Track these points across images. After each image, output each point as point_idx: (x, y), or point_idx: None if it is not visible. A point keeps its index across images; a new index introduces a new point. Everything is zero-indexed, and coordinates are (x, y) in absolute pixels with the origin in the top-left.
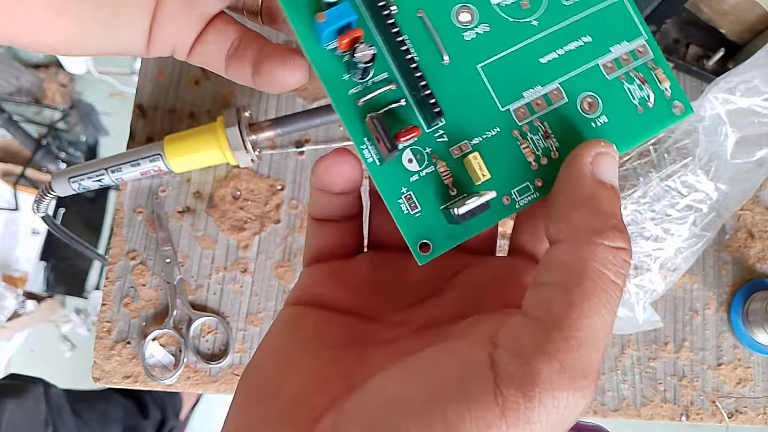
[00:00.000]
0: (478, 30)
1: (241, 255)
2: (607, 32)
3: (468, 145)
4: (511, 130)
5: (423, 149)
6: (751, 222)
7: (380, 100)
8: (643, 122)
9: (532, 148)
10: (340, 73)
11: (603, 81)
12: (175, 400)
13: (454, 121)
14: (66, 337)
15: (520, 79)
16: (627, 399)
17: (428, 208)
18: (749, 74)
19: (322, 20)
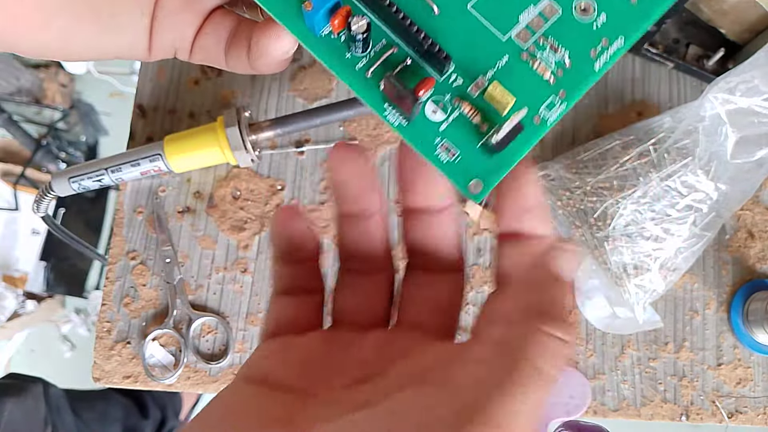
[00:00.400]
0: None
1: (241, 255)
2: None
3: (484, 80)
4: (519, 54)
5: (443, 97)
6: (751, 222)
7: (387, 66)
8: (641, 9)
9: (545, 65)
10: (343, 53)
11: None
12: (175, 400)
13: (463, 63)
14: (66, 337)
15: (512, 5)
16: (627, 399)
17: (466, 149)
18: (749, 74)
19: (309, 8)
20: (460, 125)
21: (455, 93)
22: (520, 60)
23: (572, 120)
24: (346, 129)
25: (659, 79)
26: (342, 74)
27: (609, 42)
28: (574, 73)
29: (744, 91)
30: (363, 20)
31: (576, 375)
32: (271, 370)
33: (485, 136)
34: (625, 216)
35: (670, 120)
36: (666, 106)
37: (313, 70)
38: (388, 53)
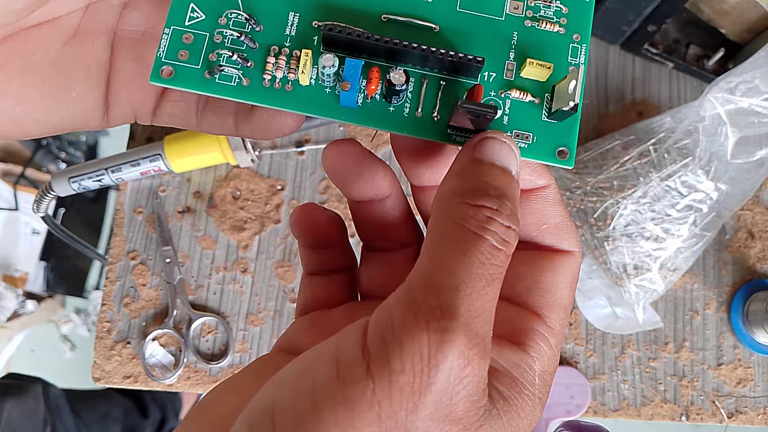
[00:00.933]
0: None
1: (241, 255)
2: None
3: (511, 63)
4: (523, 23)
5: (490, 95)
6: (751, 222)
7: (428, 99)
8: None
9: (549, 20)
10: (386, 110)
11: None
12: (175, 400)
13: (486, 58)
14: (66, 337)
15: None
16: (627, 399)
17: (535, 128)
18: (749, 74)
19: (347, 88)
20: (518, 111)
21: (497, 86)
22: (526, 28)
23: None
24: (346, 129)
25: (659, 79)
26: (400, 129)
27: None
28: (575, 15)
29: (744, 91)
30: (399, 71)
31: (576, 375)
32: (303, 341)
33: (543, 108)
34: (625, 216)
35: (671, 120)
36: (666, 106)
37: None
38: (423, 88)
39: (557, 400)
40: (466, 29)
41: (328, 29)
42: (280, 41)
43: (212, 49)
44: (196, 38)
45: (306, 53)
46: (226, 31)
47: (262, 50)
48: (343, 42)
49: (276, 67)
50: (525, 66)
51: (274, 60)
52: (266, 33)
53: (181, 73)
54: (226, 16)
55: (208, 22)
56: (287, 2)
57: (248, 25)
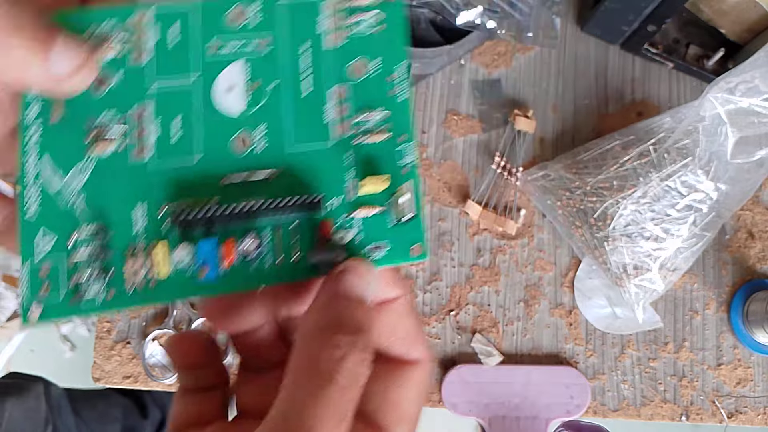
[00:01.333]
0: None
1: None
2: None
3: (353, 182)
4: (351, 142)
5: (342, 219)
6: (751, 222)
7: (285, 246)
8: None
9: (374, 131)
10: (248, 270)
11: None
12: None
13: (327, 189)
14: (66, 337)
15: (313, 114)
16: (627, 399)
17: (388, 235)
18: (749, 74)
19: (206, 272)
20: (369, 226)
21: (344, 210)
22: (356, 147)
23: (572, 120)
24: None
25: (659, 79)
26: (262, 282)
27: (388, 75)
28: (396, 117)
29: (744, 91)
30: (249, 241)
31: (576, 375)
32: None
33: (388, 215)
34: (625, 216)
35: (670, 120)
36: (666, 106)
37: None
38: (279, 236)
39: (557, 400)
40: (301, 166)
41: (178, 219)
42: (133, 239)
43: (74, 272)
44: (53, 267)
45: (162, 245)
46: (81, 249)
47: (119, 254)
48: (195, 223)
49: (134, 271)
50: (362, 186)
51: (132, 262)
52: (118, 235)
53: (48, 307)
54: (77, 233)
55: (59, 245)
56: (130, 195)
57: (99, 235)
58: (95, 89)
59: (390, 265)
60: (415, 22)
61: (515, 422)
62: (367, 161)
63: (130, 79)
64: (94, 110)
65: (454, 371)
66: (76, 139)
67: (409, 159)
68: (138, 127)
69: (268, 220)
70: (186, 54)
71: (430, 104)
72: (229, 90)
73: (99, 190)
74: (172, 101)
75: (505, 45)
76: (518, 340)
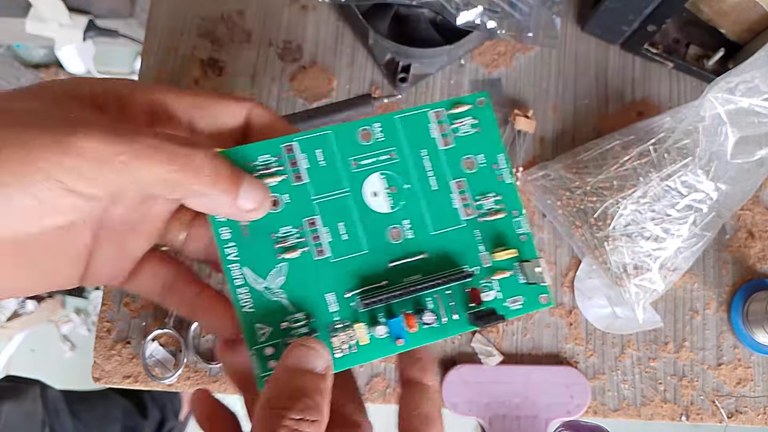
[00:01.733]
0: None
1: None
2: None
3: (485, 254)
4: (477, 221)
5: (482, 283)
6: (751, 222)
7: (446, 308)
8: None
9: (492, 211)
10: (425, 330)
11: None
12: (175, 401)
13: (467, 260)
14: (66, 337)
15: (442, 203)
16: (627, 399)
17: (521, 292)
18: (749, 74)
19: (402, 342)
20: (505, 285)
21: (484, 275)
22: (481, 224)
23: (572, 120)
24: None
25: (659, 79)
26: (437, 337)
27: (492, 164)
28: (507, 197)
29: (744, 91)
30: (429, 313)
31: (576, 375)
32: None
33: (518, 274)
34: (625, 216)
35: (671, 120)
36: (666, 106)
37: (314, 70)
38: (441, 302)
39: (557, 400)
40: (445, 244)
41: (365, 303)
42: (331, 319)
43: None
44: (276, 349)
45: (359, 328)
46: (294, 332)
47: (324, 332)
48: (378, 303)
49: (341, 341)
50: (495, 256)
51: (337, 337)
52: (319, 318)
53: None
54: (287, 321)
55: (275, 333)
56: (321, 286)
57: (305, 320)
58: (272, 209)
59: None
60: (415, 22)
61: (515, 422)
62: (493, 234)
63: (296, 197)
64: (276, 224)
65: (454, 371)
66: (267, 248)
67: (524, 229)
68: (313, 233)
69: (430, 291)
70: (335, 171)
71: None
72: (375, 195)
73: (296, 286)
74: (334, 209)
75: (505, 45)
76: (518, 340)
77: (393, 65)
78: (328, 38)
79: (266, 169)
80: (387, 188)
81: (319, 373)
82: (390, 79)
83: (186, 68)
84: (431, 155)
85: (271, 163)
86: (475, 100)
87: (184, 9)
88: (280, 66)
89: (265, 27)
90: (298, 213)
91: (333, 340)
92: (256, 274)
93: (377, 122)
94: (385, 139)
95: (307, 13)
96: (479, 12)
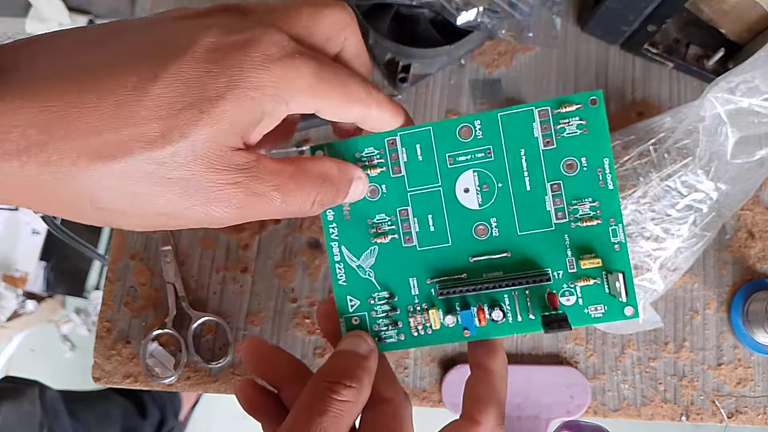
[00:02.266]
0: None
1: (241, 255)
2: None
3: (571, 259)
4: (570, 226)
5: (564, 288)
6: (752, 222)
7: (522, 307)
8: (592, 139)
9: (587, 217)
10: (494, 325)
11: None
12: (175, 401)
13: (551, 263)
14: (66, 337)
15: (534, 204)
16: (627, 399)
17: (604, 300)
18: (749, 74)
19: (469, 333)
20: (587, 293)
21: (566, 280)
22: (573, 229)
23: None
24: None
25: (659, 79)
26: (504, 333)
27: (596, 168)
28: (605, 203)
29: (744, 91)
30: (497, 311)
31: (576, 375)
32: None
33: (604, 284)
34: (625, 216)
35: (671, 120)
36: (666, 106)
37: None
38: (516, 300)
39: (557, 400)
40: (530, 245)
41: (442, 293)
42: (411, 301)
43: (374, 323)
44: (361, 320)
45: (433, 314)
46: (377, 308)
47: (404, 311)
48: (454, 294)
49: (416, 322)
50: (582, 263)
51: (413, 319)
52: (401, 299)
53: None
54: (373, 298)
55: (363, 306)
56: (405, 271)
57: (389, 299)
58: (370, 197)
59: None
60: (415, 22)
61: (515, 422)
62: (582, 240)
63: (393, 188)
64: (372, 211)
65: (454, 371)
66: (363, 232)
67: (620, 238)
68: (404, 222)
69: (507, 289)
70: (431, 166)
71: (430, 104)
72: (466, 191)
73: (384, 268)
74: (426, 201)
75: (505, 45)
76: (518, 340)
77: (393, 65)
78: None
79: (369, 161)
80: (479, 185)
81: (362, 354)
82: (390, 79)
83: None
84: (529, 155)
85: (374, 155)
86: (587, 99)
87: None
88: None
89: None
90: (393, 203)
91: (410, 320)
92: (351, 254)
93: (478, 119)
94: (484, 136)
95: None
96: (479, 12)
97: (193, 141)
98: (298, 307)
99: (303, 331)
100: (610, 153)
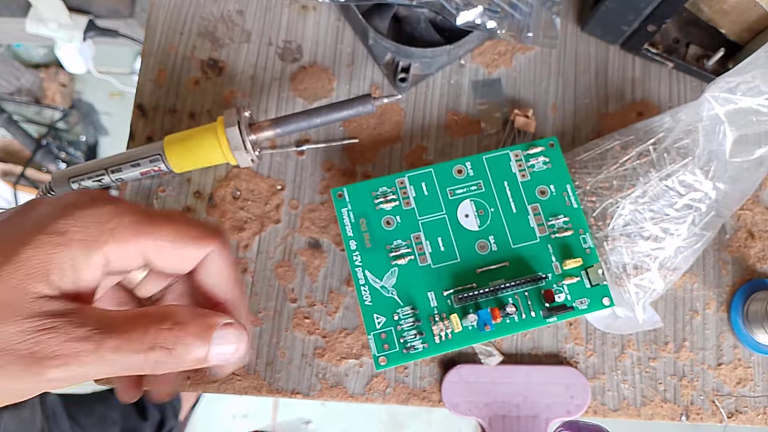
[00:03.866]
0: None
1: (241, 255)
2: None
3: (556, 263)
4: (551, 237)
5: (555, 287)
6: (751, 221)
7: (524, 305)
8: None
9: (562, 229)
10: (507, 322)
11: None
12: (175, 401)
13: (540, 268)
14: None
15: (520, 223)
16: (627, 399)
17: (586, 294)
18: (749, 74)
19: (489, 328)
20: (573, 289)
21: (555, 280)
22: (553, 240)
23: (572, 120)
24: (345, 129)
25: (659, 79)
26: (514, 330)
27: (562, 192)
28: (574, 218)
29: (744, 91)
30: (511, 305)
31: (576, 375)
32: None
33: (584, 281)
34: (624, 216)
35: (670, 120)
36: (666, 106)
37: (313, 70)
38: (519, 300)
39: (557, 399)
40: (523, 255)
41: (459, 299)
42: (432, 312)
43: (400, 335)
44: (388, 334)
45: (454, 317)
46: (402, 322)
47: (426, 322)
48: (469, 300)
49: (439, 329)
50: (565, 265)
51: (436, 327)
52: (422, 311)
53: (390, 357)
54: (397, 313)
55: (389, 322)
56: (424, 286)
57: (412, 312)
58: (386, 226)
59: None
60: (415, 22)
61: (515, 422)
62: (563, 248)
63: (406, 218)
64: (390, 238)
65: (454, 371)
66: (383, 257)
67: (589, 244)
68: (418, 245)
69: (511, 292)
70: (435, 198)
71: (430, 104)
72: (466, 216)
73: (405, 285)
74: (434, 227)
75: (505, 45)
76: (518, 340)
77: (393, 65)
78: (328, 38)
79: (384, 197)
80: (476, 211)
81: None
82: (390, 79)
83: (186, 68)
84: (512, 185)
85: (388, 192)
86: (547, 143)
87: (184, 9)
88: (280, 66)
89: (264, 27)
90: (407, 230)
91: (433, 328)
92: (375, 276)
93: (468, 161)
94: (474, 174)
95: (307, 13)
96: (479, 12)
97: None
98: (298, 307)
99: (303, 331)
100: (570, 181)
